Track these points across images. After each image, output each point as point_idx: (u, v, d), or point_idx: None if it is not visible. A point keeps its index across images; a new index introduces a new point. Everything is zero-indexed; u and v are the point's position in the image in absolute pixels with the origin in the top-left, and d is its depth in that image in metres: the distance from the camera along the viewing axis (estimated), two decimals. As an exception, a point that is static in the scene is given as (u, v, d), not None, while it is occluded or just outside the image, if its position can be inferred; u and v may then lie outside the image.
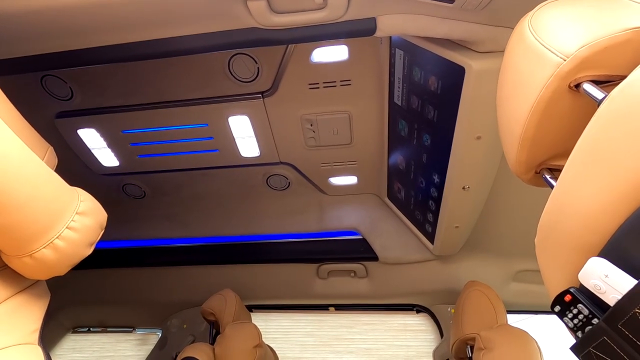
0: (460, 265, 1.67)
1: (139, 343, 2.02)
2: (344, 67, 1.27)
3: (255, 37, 0.91)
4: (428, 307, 1.79)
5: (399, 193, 1.60)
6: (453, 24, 0.83)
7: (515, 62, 0.53)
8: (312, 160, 1.59)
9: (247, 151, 1.55)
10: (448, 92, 1.03)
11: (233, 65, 1.28)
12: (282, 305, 1.92)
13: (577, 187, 0.41)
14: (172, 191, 1.78)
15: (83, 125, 1.50)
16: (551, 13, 0.50)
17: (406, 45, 1.10)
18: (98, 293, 2.01)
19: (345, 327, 1.83)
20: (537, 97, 0.48)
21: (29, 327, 0.68)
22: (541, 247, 0.49)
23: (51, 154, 0.82)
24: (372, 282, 1.81)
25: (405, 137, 1.35)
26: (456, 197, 1.26)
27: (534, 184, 0.58)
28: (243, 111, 1.41)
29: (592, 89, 0.44)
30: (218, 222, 1.85)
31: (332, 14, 0.83)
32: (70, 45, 0.96)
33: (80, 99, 1.42)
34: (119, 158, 1.62)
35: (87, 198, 0.75)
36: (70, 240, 0.68)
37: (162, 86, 1.37)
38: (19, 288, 0.69)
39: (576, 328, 0.42)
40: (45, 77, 1.36)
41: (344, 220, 1.77)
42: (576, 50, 0.44)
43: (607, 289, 0.37)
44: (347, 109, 1.39)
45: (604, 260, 0.37)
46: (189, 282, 1.94)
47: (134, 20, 0.88)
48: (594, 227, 0.39)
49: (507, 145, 0.57)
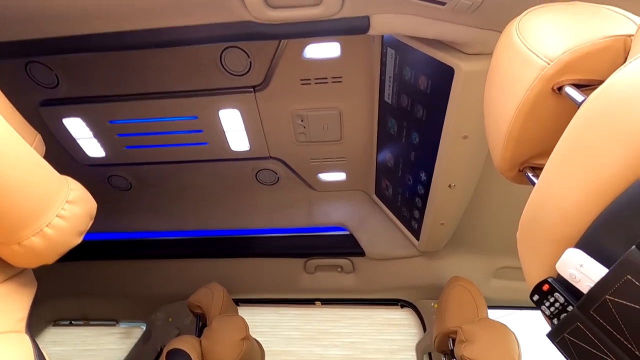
0: (445, 262, 1.72)
1: (122, 336, 1.99)
2: (336, 64, 1.28)
3: (249, 30, 0.91)
4: (412, 302, 1.83)
5: (386, 190, 1.63)
6: (444, 26, 0.85)
7: (503, 64, 0.56)
8: (301, 156, 1.60)
9: (237, 145, 1.55)
10: (437, 92, 1.06)
11: (225, 58, 1.28)
12: (269, 299, 1.93)
13: (557, 184, 0.44)
14: (159, 183, 1.77)
15: (69, 114, 1.47)
16: (537, 19, 0.53)
17: (398, 45, 1.12)
18: (80, 285, 1.97)
19: (331, 321, 1.85)
20: (522, 98, 0.50)
21: (16, 315, 0.67)
22: (522, 241, 0.51)
23: (39, 142, 0.80)
24: (359, 277, 1.84)
25: (394, 135, 1.37)
26: (442, 195, 1.29)
27: (517, 181, 0.61)
28: (234, 105, 1.41)
29: (573, 92, 0.46)
30: (205, 216, 1.84)
31: (327, 10, 0.84)
32: (57, 32, 0.94)
33: (67, 87, 1.39)
34: (105, 149, 1.60)
35: (77, 187, 0.75)
36: (59, 228, 0.67)
37: (151, 77, 1.35)
38: (6, 276, 0.69)
39: (552, 315, 0.45)
40: (30, 64, 1.32)
41: (332, 216, 1.79)
42: (560, 55, 0.47)
43: (581, 277, 0.40)
44: (337, 105, 1.40)
45: (579, 251, 0.40)
46: (175, 276, 1.93)
47: (126, 8, 0.87)
48: (571, 220, 0.41)
49: (493, 143, 0.59)
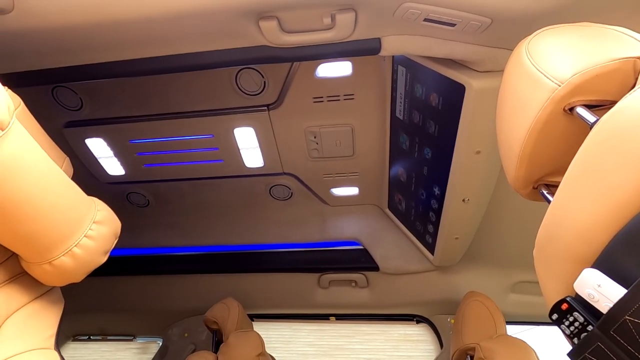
0: (460, 276, 1.70)
1: (139, 352, 2.01)
2: (348, 82, 1.31)
3: (264, 54, 0.95)
4: (428, 318, 1.80)
5: (399, 204, 1.63)
6: (454, 45, 0.87)
7: (514, 85, 0.57)
8: (314, 171, 1.62)
9: (251, 162, 1.59)
10: (449, 108, 1.07)
11: (240, 78, 1.33)
12: (283, 314, 1.93)
13: (572, 203, 0.45)
14: (175, 200, 1.81)
15: (91, 135, 1.53)
16: (547, 41, 0.54)
17: (408, 63, 1.15)
18: (99, 301, 2.01)
19: (346, 337, 1.84)
20: (534, 119, 0.52)
21: (46, 332, 0.70)
22: (539, 259, 0.52)
23: (68, 164, 0.85)
24: (373, 292, 1.83)
25: (406, 150, 1.38)
26: (456, 209, 1.29)
27: (532, 198, 0.62)
28: (248, 123, 1.45)
29: (584, 112, 0.47)
30: (220, 231, 1.87)
31: (340, 34, 0.87)
32: (83, 60, 0.99)
33: (90, 109, 1.45)
34: (124, 167, 1.65)
35: (103, 207, 0.78)
36: (87, 248, 0.70)
37: (170, 98, 1.41)
38: (36, 294, 0.72)
39: (572, 335, 0.45)
40: (56, 88, 1.39)
41: (345, 230, 1.80)
42: (570, 77, 0.48)
43: (600, 297, 0.40)
44: (350, 122, 1.43)
45: (597, 271, 0.40)
46: (190, 291, 1.95)
47: (148, 38, 0.91)
48: (588, 240, 0.42)
49: (507, 162, 0.60)
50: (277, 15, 0.83)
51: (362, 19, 0.83)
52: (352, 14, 0.82)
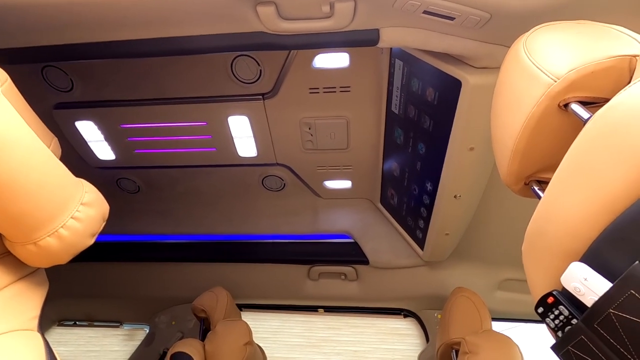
0: (449, 272, 1.71)
1: (125, 338, 2.00)
2: (345, 74, 1.30)
3: (261, 41, 0.93)
4: (415, 312, 1.82)
5: (392, 199, 1.64)
6: (452, 40, 0.87)
7: (510, 79, 0.57)
8: (308, 163, 1.62)
9: (245, 151, 1.57)
10: (444, 104, 1.07)
11: (236, 66, 1.31)
12: (272, 305, 1.93)
13: (563, 198, 0.45)
14: (166, 187, 1.79)
15: (81, 117, 1.50)
16: (545, 37, 0.54)
17: (406, 57, 1.14)
18: (86, 286, 1.99)
19: (334, 329, 1.85)
20: (529, 114, 0.52)
21: (29, 313, 0.69)
22: (527, 253, 0.52)
23: (56, 145, 0.83)
24: (362, 285, 1.84)
25: (400, 144, 1.38)
26: (447, 205, 1.30)
27: (522, 194, 0.62)
28: (243, 111, 1.44)
29: (578, 109, 0.48)
30: (211, 220, 1.86)
31: (338, 23, 0.86)
32: (74, 39, 0.96)
33: (81, 91, 1.42)
34: (115, 152, 1.62)
35: (91, 189, 0.77)
36: (74, 229, 0.69)
37: (163, 83, 1.38)
38: (20, 275, 0.70)
39: (557, 328, 0.46)
40: (46, 68, 1.36)
41: (337, 223, 1.80)
42: (566, 73, 0.48)
43: (586, 291, 0.41)
44: (345, 114, 1.42)
45: (584, 265, 0.41)
46: (179, 279, 1.94)
47: (142, 17, 0.89)
48: (576, 234, 0.42)
49: (500, 156, 0.61)
50: (275, 1, 0.82)
51: (361, 8, 0.83)
52: (351, 3, 0.81)
